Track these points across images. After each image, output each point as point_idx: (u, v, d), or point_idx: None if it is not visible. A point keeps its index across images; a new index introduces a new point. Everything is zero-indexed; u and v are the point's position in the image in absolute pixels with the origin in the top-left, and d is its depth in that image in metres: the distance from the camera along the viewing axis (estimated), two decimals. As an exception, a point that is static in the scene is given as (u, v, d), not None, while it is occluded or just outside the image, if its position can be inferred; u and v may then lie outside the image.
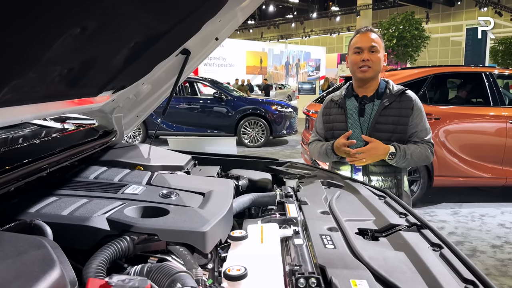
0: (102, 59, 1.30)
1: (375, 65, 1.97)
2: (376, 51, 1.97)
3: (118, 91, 1.75)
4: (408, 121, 1.97)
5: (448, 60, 28.16)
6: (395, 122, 1.96)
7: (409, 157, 1.90)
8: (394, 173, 2.01)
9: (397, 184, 2.02)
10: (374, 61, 1.97)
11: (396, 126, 1.96)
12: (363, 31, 2.02)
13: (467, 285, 0.92)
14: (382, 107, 1.98)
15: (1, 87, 0.94)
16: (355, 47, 2.00)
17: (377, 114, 1.98)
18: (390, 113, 1.98)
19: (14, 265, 0.76)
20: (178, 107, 9.31)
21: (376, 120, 1.97)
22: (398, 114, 1.97)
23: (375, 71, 1.99)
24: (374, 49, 1.96)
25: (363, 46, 1.97)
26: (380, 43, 1.99)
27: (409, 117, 1.97)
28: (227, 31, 1.85)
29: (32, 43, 0.92)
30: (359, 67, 1.98)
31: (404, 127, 1.97)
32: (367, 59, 1.96)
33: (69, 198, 1.20)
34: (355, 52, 2.00)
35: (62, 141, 1.71)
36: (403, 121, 1.97)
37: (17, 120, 1.28)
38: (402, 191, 2.03)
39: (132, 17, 1.13)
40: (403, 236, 1.19)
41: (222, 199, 1.30)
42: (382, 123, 1.97)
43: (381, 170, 2.00)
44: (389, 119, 1.97)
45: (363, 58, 1.96)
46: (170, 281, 0.85)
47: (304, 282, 0.88)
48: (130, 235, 1.02)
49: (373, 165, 2.00)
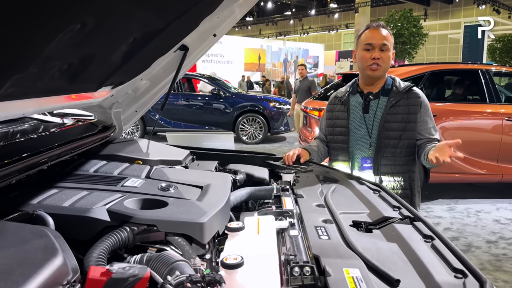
0: (101, 55, 1.32)
1: (385, 64, 1.92)
2: (386, 50, 1.91)
3: (117, 86, 1.78)
4: (417, 118, 1.92)
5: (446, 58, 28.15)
6: (405, 119, 1.91)
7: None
8: (408, 172, 1.96)
9: (410, 185, 1.97)
10: (385, 60, 1.91)
11: (406, 124, 1.91)
12: (375, 26, 1.94)
13: (456, 274, 0.95)
14: (390, 105, 1.93)
15: (4, 81, 0.97)
16: (366, 43, 1.92)
17: (385, 112, 1.93)
18: (399, 111, 1.93)
19: (18, 253, 0.78)
20: (176, 103, 9.32)
21: (385, 119, 1.92)
22: (407, 111, 1.92)
23: (384, 70, 1.94)
24: (385, 48, 1.90)
25: (375, 43, 1.90)
26: (391, 41, 1.93)
27: (417, 114, 1.92)
28: (225, 28, 1.87)
29: (34, 39, 0.94)
30: (369, 65, 1.92)
31: (413, 124, 1.91)
32: (378, 57, 1.90)
33: (69, 190, 1.22)
34: (366, 48, 1.92)
35: (62, 135, 1.73)
36: (412, 118, 1.91)
37: (19, 114, 1.30)
38: (415, 192, 1.98)
39: (130, 14, 1.15)
40: (396, 228, 1.22)
41: (219, 192, 1.32)
42: (391, 121, 1.92)
43: (393, 170, 1.94)
44: (398, 117, 1.92)
45: (373, 56, 1.90)
46: (169, 270, 0.88)
47: (299, 271, 0.91)
48: (130, 225, 1.04)
49: (385, 165, 1.94)
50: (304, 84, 8.37)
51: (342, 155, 2.03)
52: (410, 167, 1.97)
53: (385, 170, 1.95)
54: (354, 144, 1.99)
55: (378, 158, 1.93)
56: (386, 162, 1.94)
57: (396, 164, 1.94)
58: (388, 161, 1.94)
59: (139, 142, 1.98)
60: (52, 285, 0.74)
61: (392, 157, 1.92)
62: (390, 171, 1.95)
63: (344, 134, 2.00)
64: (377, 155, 1.94)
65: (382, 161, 1.93)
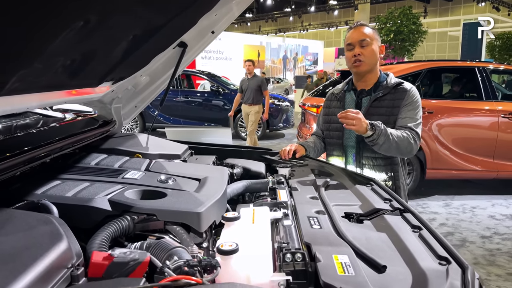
0: (102, 51, 1.36)
1: (368, 59, 1.97)
2: (367, 45, 1.96)
3: (117, 82, 1.82)
4: (399, 111, 1.95)
5: (446, 55, 28.20)
6: (388, 113, 1.95)
7: (391, 139, 1.81)
8: (391, 165, 2.01)
9: (393, 177, 2.02)
10: (366, 55, 1.97)
11: (388, 117, 1.95)
12: (354, 26, 2.03)
13: (441, 261, 1.00)
14: (374, 98, 1.99)
15: (10, 77, 1.01)
16: (347, 43, 2.02)
17: (369, 105, 1.99)
18: (383, 104, 1.98)
19: (25, 237, 0.83)
20: (175, 100, 9.36)
21: (367, 111, 1.96)
22: (391, 105, 1.96)
23: (368, 65, 1.99)
24: (365, 43, 1.96)
25: (353, 41, 1.98)
26: (373, 36, 1.98)
27: (400, 107, 1.95)
28: (223, 25, 1.91)
29: (39, 36, 0.99)
30: (352, 63, 2.00)
31: (396, 117, 1.95)
32: (358, 54, 1.97)
33: (72, 181, 1.27)
34: (348, 49, 2.02)
35: (63, 129, 1.77)
36: (395, 112, 1.95)
37: (23, 108, 1.35)
38: (399, 184, 2.03)
39: (131, 11, 1.20)
40: (386, 219, 1.26)
41: (216, 184, 1.37)
42: (373, 114, 1.95)
43: (375, 163, 2.00)
44: (381, 110, 1.97)
45: (354, 53, 1.98)
46: (167, 255, 0.93)
47: (291, 257, 0.96)
48: (130, 215, 1.09)
49: (366, 157, 2.00)
50: (253, 83, 7.32)
51: (337, 150, 2.08)
52: (392, 160, 2.00)
53: (367, 162, 2.00)
54: (348, 140, 2.03)
55: (360, 150, 1.99)
56: (368, 154, 1.99)
57: (377, 157, 1.98)
58: (369, 153, 1.98)
59: (138, 136, 2.03)
60: (57, 267, 0.79)
61: (372, 150, 1.92)
62: (372, 163, 2.00)
63: (339, 130, 2.05)
64: (359, 147, 2.00)
65: (364, 153, 1.99)
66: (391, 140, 1.81)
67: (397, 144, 1.84)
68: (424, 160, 4.81)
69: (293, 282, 0.92)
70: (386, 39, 19.75)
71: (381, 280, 0.91)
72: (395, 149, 1.86)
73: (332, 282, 0.85)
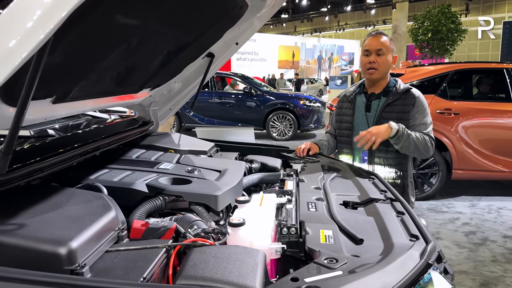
0: (142, 64, 1.67)
1: (381, 67, 2.16)
2: (383, 54, 2.15)
3: (154, 88, 2.13)
4: (409, 116, 2.14)
5: (489, 54, 27.18)
6: (399, 117, 2.13)
7: (411, 138, 2.00)
8: (400, 165, 2.19)
9: (402, 176, 2.19)
10: (381, 64, 2.15)
11: (399, 121, 2.09)
12: (373, 34, 2.22)
13: (412, 238, 1.21)
14: (386, 103, 2.17)
15: (74, 87, 1.32)
16: (364, 49, 2.20)
17: (381, 110, 2.17)
18: (394, 109, 2.16)
19: (85, 207, 1.13)
20: (210, 101, 9.74)
21: (380, 116, 2.16)
22: (402, 110, 2.15)
23: (381, 73, 2.18)
24: (381, 52, 2.14)
25: (371, 48, 2.16)
26: (389, 47, 2.16)
27: (410, 113, 2.13)
28: (246, 37, 2.18)
29: (94, 56, 1.29)
30: (367, 69, 2.19)
31: (406, 122, 2.13)
32: (373, 61, 2.15)
33: (117, 170, 1.58)
34: (364, 54, 2.20)
35: (110, 128, 2.10)
36: (405, 117, 2.13)
37: (80, 111, 1.68)
38: (407, 182, 2.20)
39: (165, 33, 1.49)
40: (376, 206, 1.48)
41: (233, 175, 1.64)
42: (385, 118, 2.13)
43: (385, 162, 2.18)
44: (393, 115, 2.14)
45: (370, 60, 2.16)
46: (189, 226, 1.21)
47: (287, 231, 1.21)
48: (162, 196, 1.38)
49: (378, 157, 2.18)
50: None
51: (347, 148, 2.29)
52: (402, 160, 2.19)
53: (378, 162, 2.19)
54: (355, 144, 2.23)
55: (372, 150, 2.18)
56: (379, 154, 2.18)
57: (388, 157, 2.17)
58: (381, 154, 2.17)
59: (172, 135, 2.33)
60: (108, 229, 1.08)
61: (384, 150, 2.14)
62: (383, 162, 2.19)
63: (349, 129, 2.26)
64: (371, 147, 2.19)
65: (376, 153, 2.18)
66: (411, 142, 2.02)
67: (417, 145, 2.04)
68: (450, 160, 4.88)
69: (287, 250, 1.17)
70: (424, 38, 19.38)
71: (356, 249, 1.14)
72: (414, 147, 2.05)
73: (314, 248, 1.10)
